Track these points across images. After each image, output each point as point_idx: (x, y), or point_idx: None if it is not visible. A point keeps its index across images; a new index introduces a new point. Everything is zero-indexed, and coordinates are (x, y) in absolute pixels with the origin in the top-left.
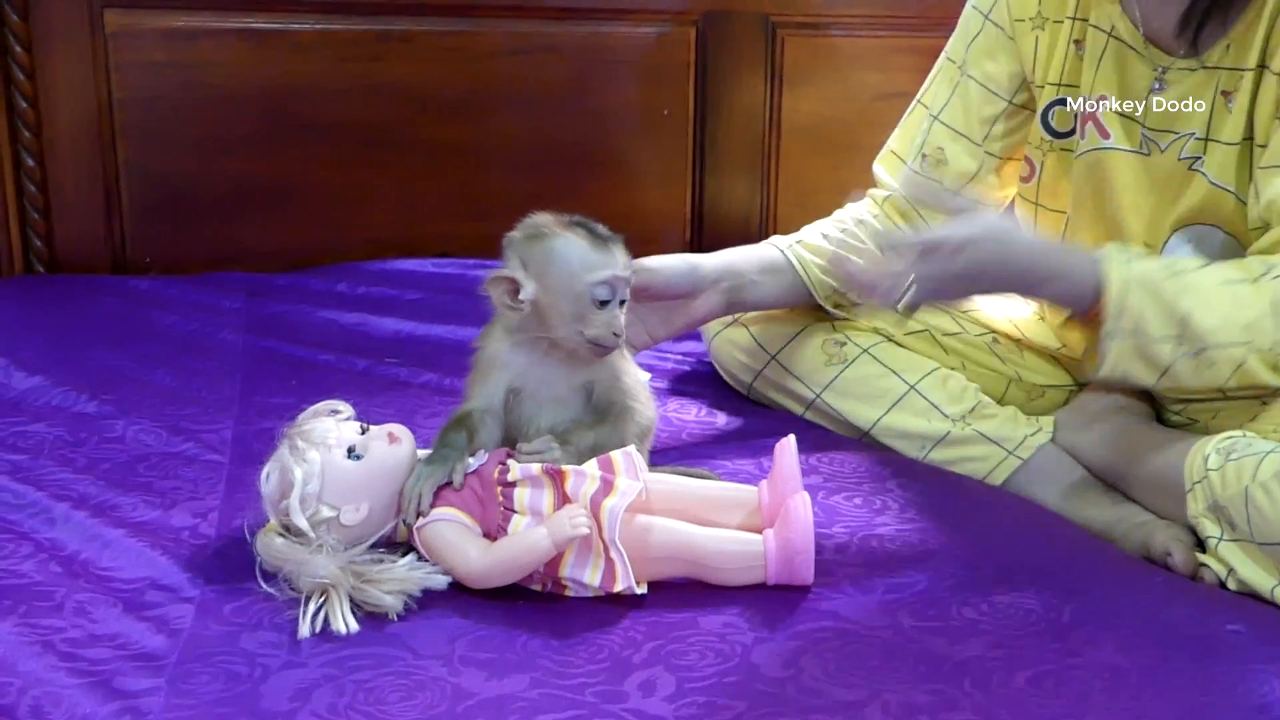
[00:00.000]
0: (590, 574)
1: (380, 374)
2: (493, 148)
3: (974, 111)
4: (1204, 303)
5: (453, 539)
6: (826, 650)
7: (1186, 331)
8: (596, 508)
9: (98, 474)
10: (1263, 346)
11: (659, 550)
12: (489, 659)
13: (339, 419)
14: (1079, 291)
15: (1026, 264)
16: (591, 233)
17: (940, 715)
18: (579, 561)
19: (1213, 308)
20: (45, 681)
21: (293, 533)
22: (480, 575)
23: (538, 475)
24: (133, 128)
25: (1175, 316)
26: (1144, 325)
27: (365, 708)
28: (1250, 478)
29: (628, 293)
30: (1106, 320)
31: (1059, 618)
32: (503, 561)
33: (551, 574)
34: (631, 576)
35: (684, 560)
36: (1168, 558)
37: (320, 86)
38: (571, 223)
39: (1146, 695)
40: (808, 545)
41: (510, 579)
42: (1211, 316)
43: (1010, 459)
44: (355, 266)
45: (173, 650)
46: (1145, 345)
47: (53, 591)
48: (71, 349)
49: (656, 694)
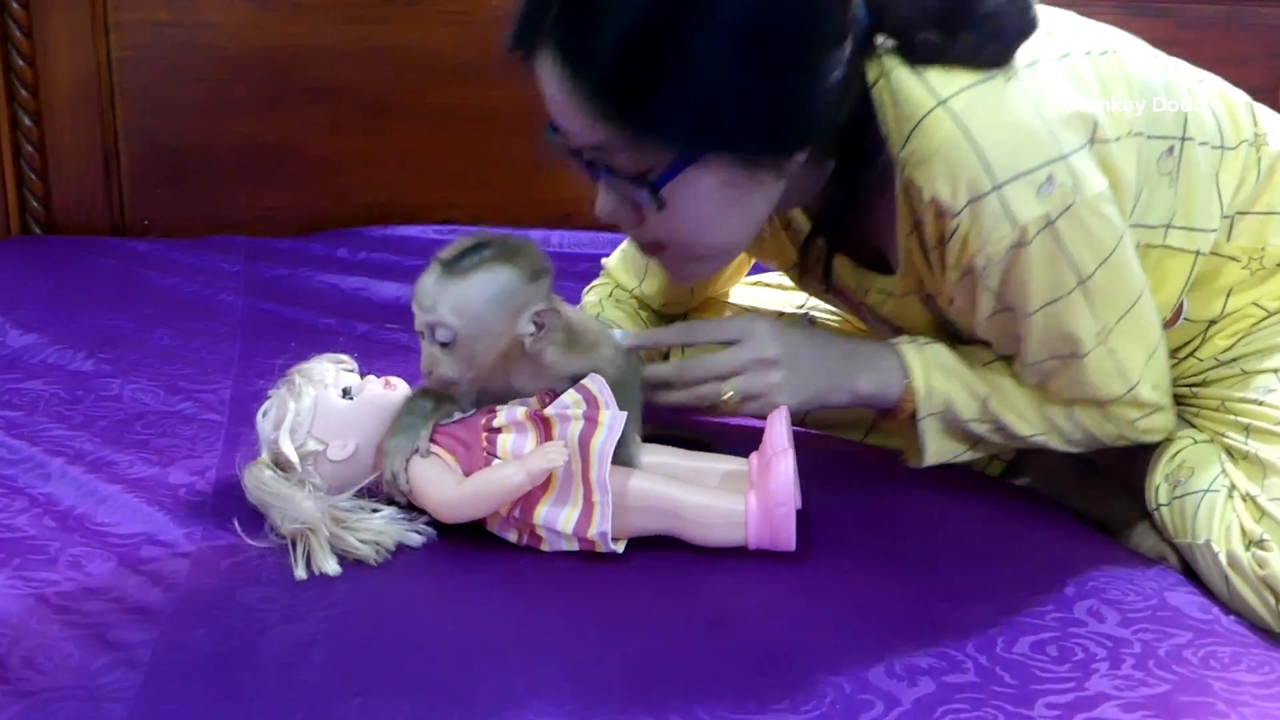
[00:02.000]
0: (566, 515)
1: (381, 338)
2: (497, 114)
3: None
4: (1000, 396)
5: (432, 474)
6: (830, 612)
7: (986, 415)
8: (585, 447)
9: (94, 431)
10: (1058, 441)
11: (636, 499)
12: (491, 615)
13: (341, 367)
14: (887, 379)
15: (835, 354)
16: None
17: (943, 678)
18: (558, 501)
19: (1007, 400)
20: (37, 633)
21: (283, 467)
22: (454, 503)
23: (522, 420)
24: (132, 88)
25: (977, 399)
26: (952, 407)
27: (365, 662)
28: (1190, 533)
29: (434, 335)
30: (918, 406)
31: (1061, 590)
32: (475, 491)
33: (526, 520)
34: (609, 519)
35: (662, 512)
36: (1162, 560)
37: (323, 49)
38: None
39: (1151, 665)
40: (788, 499)
41: (483, 510)
42: (1007, 409)
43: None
44: (357, 232)
45: (168, 604)
46: (958, 425)
47: (46, 545)
48: (69, 308)
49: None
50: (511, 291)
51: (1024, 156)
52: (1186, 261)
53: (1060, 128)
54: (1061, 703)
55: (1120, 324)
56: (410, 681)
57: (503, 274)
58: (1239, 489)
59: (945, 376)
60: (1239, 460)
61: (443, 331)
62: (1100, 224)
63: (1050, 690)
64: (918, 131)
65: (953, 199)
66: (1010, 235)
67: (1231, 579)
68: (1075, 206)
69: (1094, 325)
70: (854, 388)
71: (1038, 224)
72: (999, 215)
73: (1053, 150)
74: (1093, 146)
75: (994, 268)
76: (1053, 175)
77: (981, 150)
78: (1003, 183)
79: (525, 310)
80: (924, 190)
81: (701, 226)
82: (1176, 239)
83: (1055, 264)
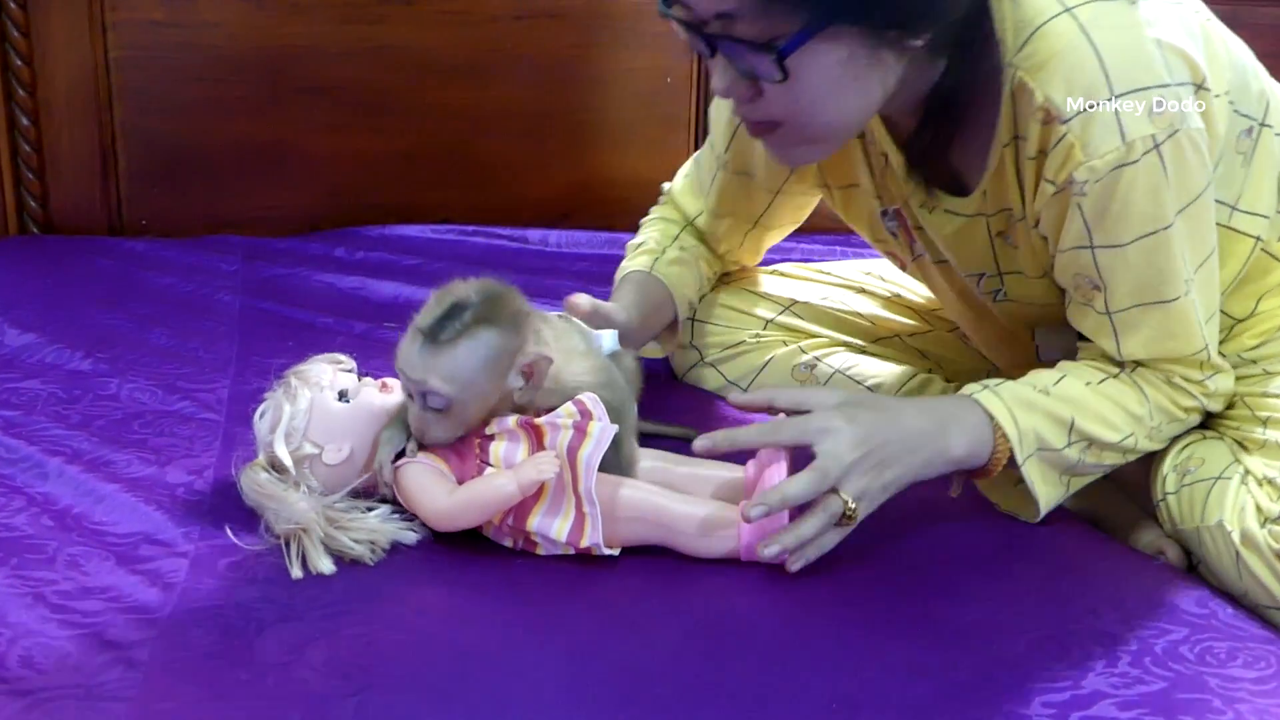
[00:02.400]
0: (559, 525)
1: (379, 337)
2: (494, 113)
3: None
4: (1080, 410)
5: (424, 481)
6: (826, 608)
7: (1075, 433)
8: (573, 457)
9: (92, 430)
10: (1144, 435)
11: (627, 509)
12: (489, 615)
13: (339, 368)
14: (978, 436)
15: (920, 423)
16: (425, 317)
17: (941, 677)
18: (550, 510)
19: (1089, 411)
20: (36, 632)
21: (278, 469)
22: (445, 513)
23: (513, 429)
24: (129, 88)
25: (1064, 424)
26: (1045, 439)
27: (363, 661)
28: (1199, 518)
29: (425, 402)
30: (1015, 450)
31: (1058, 588)
32: (466, 501)
33: (520, 528)
34: (600, 531)
35: (652, 523)
36: (1160, 556)
37: (321, 49)
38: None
39: (1147, 662)
40: (781, 515)
41: (475, 520)
42: (1091, 420)
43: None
44: (354, 231)
45: (166, 603)
46: (1053, 456)
47: (44, 545)
48: (66, 308)
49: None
50: (499, 352)
51: (1141, 74)
52: (1247, 246)
53: (1173, 58)
54: (1058, 701)
55: (1198, 274)
56: (407, 680)
57: (487, 336)
58: (1254, 474)
59: (1028, 412)
60: (1255, 449)
61: (435, 399)
62: (1197, 160)
63: (1047, 689)
64: (1038, 35)
65: (1066, 104)
66: (1118, 149)
67: (1243, 556)
68: (1179, 135)
69: (1184, 267)
70: (948, 457)
71: (1145, 144)
72: (1110, 127)
73: (1165, 76)
74: (1196, 91)
75: (1095, 186)
76: (1163, 99)
77: (1103, 59)
78: (1119, 94)
79: (514, 365)
80: (1036, 94)
81: (820, 102)
82: (1241, 221)
83: (1157, 192)
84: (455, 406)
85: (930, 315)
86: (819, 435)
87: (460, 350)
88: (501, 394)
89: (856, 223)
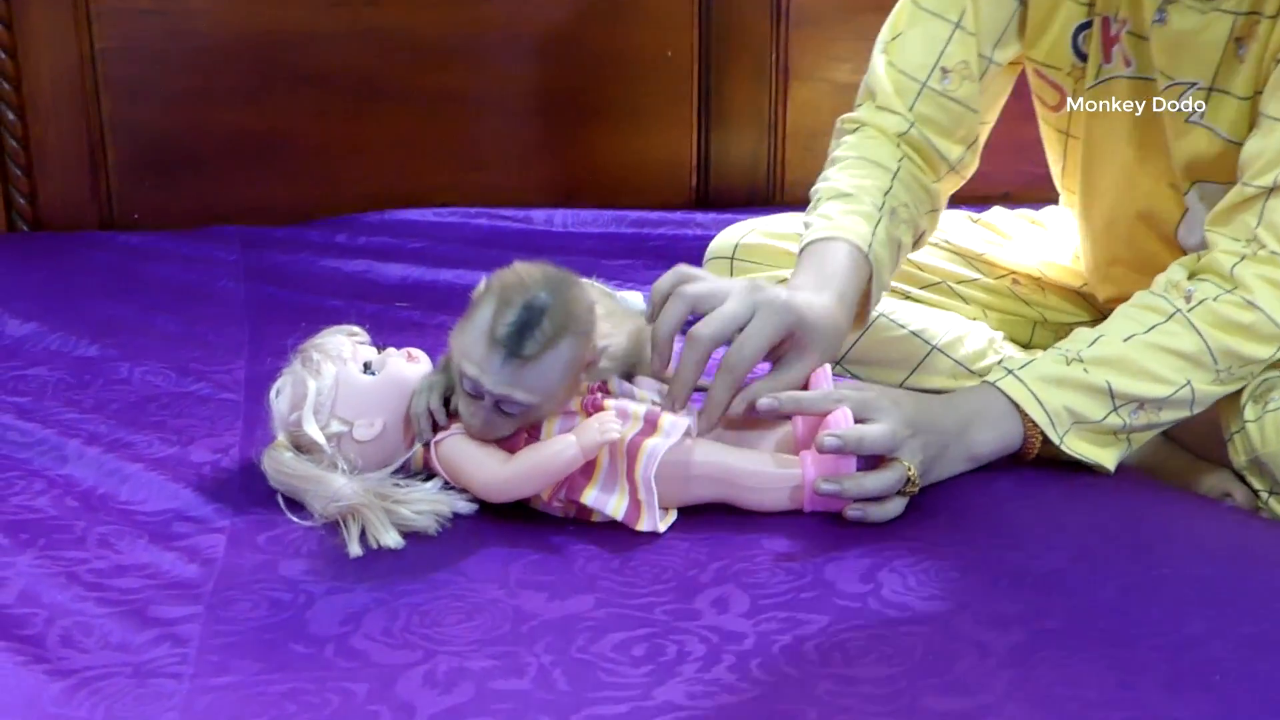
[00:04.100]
0: (616, 503)
1: (393, 317)
2: (492, 94)
3: (989, 14)
4: (1119, 370)
5: (472, 451)
6: (901, 565)
7: (1119, 398)
8: (635, 448)
9: (107, 413)
10: (1205, 380)
11: (699, 469)
12: (548, 581)
13: (355, 340)
14: (1005, 428)
15: (948, 419)
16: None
17: (1034, 624)
18: (605, 488)
19: (1131, 369)
20: (73, 611)
21: (303, 448)
22: (501, 482)
23: (574, 409)
24: (117, 80)
25: (1101, 393)
26: (1080, 414)
27: (422, 630)
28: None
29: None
30: (1048, 431)
31: (1135, 534)
32: (526, 469)
33: (574, 500)
34: (657, 519)
35: (719, 480)
36: (1226, 498)
37: (312, 34)
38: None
39: (1244, 600)
40: (850, 461)
41: (533, 488)
42: (1133, 378)
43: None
44: (354, 218)
45: (208, 579)
46: (1096, 427)
47: (72, 525)
48: (65, 299)
49: (731, 610)
50: (578, 358)
51: None
52: None
53: None
54: (1165, 644)
55: None
56: (474, 646)
57: (569, 344)
58: None
59: (1056, 389)
60: None
61: (514, 406)
62: None
63: (1148, 632)
64: None
65: None
66: None
67: None
68: None
69: None
70: (974, 454)
71: None
72: None
73: None
74: None
75: None
76: None
77: None
78: None
79: (585, 359)
80: None
81: None
82: None
83: None
84: (529, 410)
85: (979, 262)
86: (878, 411)
87: (545, 363)
88: (569, 394)
89: (1034, 48)
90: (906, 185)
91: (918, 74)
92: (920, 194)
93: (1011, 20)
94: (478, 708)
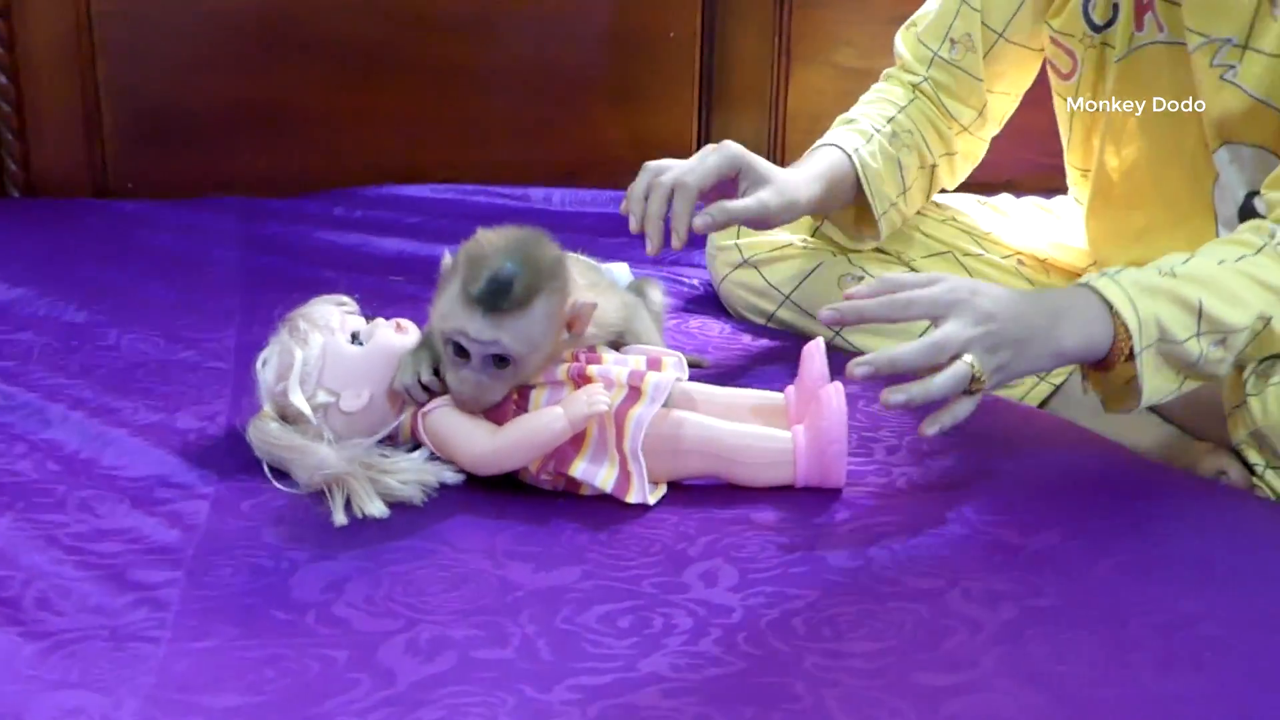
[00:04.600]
0: (605, 474)
1: (388, 290)
2: (495, 70)
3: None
4: (1210, 290)
5: (459, 423)
6: (893, 542)
7: (1205, 322)
8: (621, 418)
9: (93, 378)
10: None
11: (689, 443)
12: (535, 552)
13: (344, 310)
14: (1095, 329)
15: (1036, 311)
16: (476, 287)
17: (1027, 601)
18: (594, 459)
19: (1222, 291)
20: (50, 574)
21: (289, 419)
22: (489, 454)
23: (561, 379)
24: (114, 44)
25: (1191, 309)
26: (1167, 329)
27: (405, 598)
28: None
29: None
30: (1135, 339)
31: (1130, 513)
32: (513, 440)
33: (563, 472)
34: (647, 491)
35: (709, 455)
36: (1221, 476)
37: (316, 4)
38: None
39: (1238, 579)
40: (841, 435)
41: (521, 460)
42: (1223, 301)
43: (1043, 384)
44: (353, 191)
45: (189, 544)
46: (1173, 350)
47: (52, 489)
48: (57, 264)
49: (720, 584)
50: (556, 310)
51: None
52: None
53: None
54: (1157, 622)
55: None
56: (458, 614)
57: (544, 298)
58: None
59: (1151, 298)
60: None
61: (502, 360)
62: None
63: (1141, 609)
64: None
65: None
66: None
67: None
68: None
69: None
70: (1059, 348)
71: None
72: None
73: None
74: None
75: None
76: None
77: None
78: None
79: (565, 315)
80: None
81: None
82: None
83: None
84: (517, 364)
85: (986, 240)
86: (950, 308)
87: (526, 316)
88: (555, 346)
89: (1056, 17)
90: (913, 118)
91: (931, 44)
92: (929, 129)
93: (1025, 2)
94: (460, 675)
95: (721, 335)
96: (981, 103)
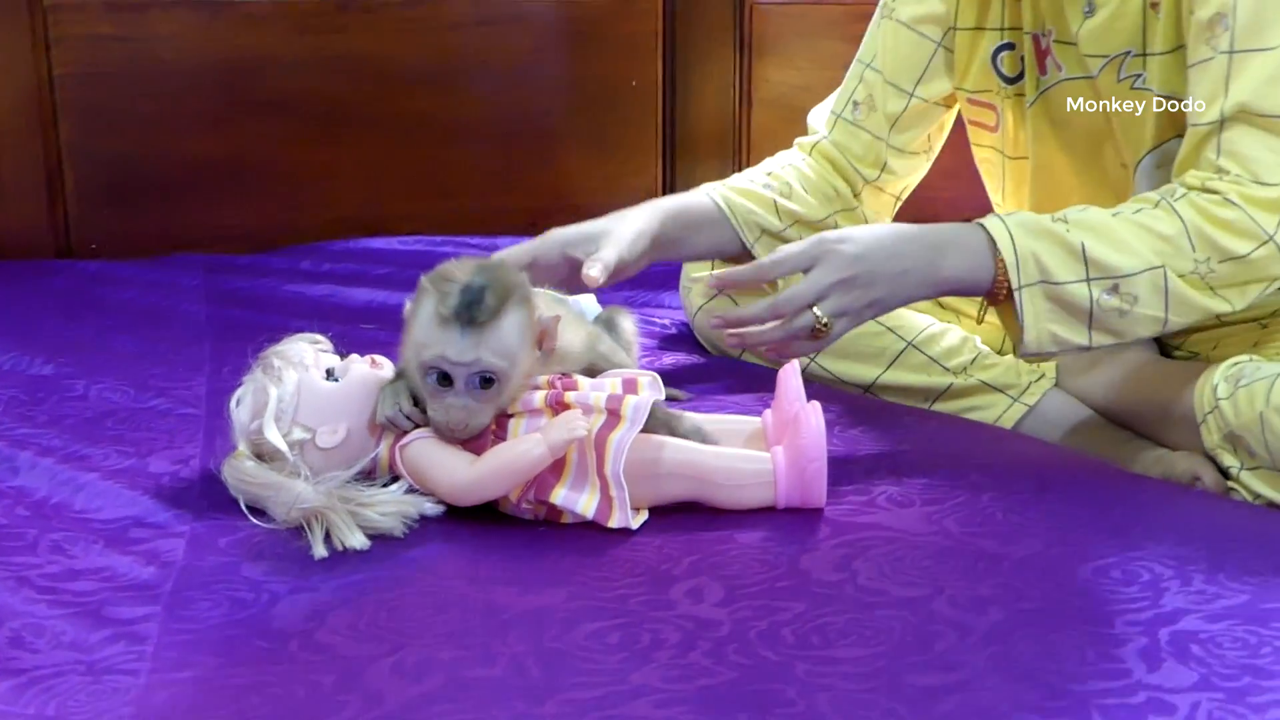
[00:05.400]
0: (586, 501)
1: (359, 337)
2: (458, 121)
3: (903, 55)
4: (1097, 235)
5: (437, 454)
6: (876, 555)
7: (1092, 267)
8: (601, 443)
9: (63, 428)
10: (1182, 269)
11: (669, 466)
12: (518, 576)
13: (318, 348)
14: (976, 261)
15: (914, 246)
16: (450, 302)
17: (1013, 605)
18: (574, 486)
19: (1109, 237)
20: (23, 614)
21: (265, 456)
22: (469, 484)
23: (539, 407)
24: (76, 105)
25: (1074, 252)
26: (1048, 268)
27: (390, 624)
28: (1264, 402)
29: (474, 382)
30: (1010, 275)
31: (1109, 519)
32: (493, 469)
33: (543, 500)
34: (629, 515)
35: (690, 478)
36: (1196, 482)
37: (277, 60)
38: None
39: (1222, 579)
40: (820, 453)
41: (501, 489)
42: (1109, 246)
43: (1016, 406)
44: (318, 246)
45: (166, 579)
46: (1057, 292)
47: (23, 532)
48: (20, 322)
49: (706, 600)
50: (528, 323)
51: None
52: None
53: None
54: (1142, 619)
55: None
56: (442, 638)
57: (516, 310)
58: None
59: (1034, 238)
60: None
61: (486, 382)
62: None
63: (1126, 609)
64: None
65: None
66: None
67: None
68: None
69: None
70: (939, 277)
71: None
72: None
73: None
74: None
75: None
76: None
77: None
78: None
79: (535, 326)
80: None
81: None
82: None
83: None
84: (502, 382)
85: None
86: (815, 259)
87: (501, 328)
88: (530, 365)
89: (965, 77)
90: (797, 176)
91: (836, 109)
92: (818, 184)
93: (931, 60)
94: (449, 694)
95: (695, 368)
96: (882, 161)
